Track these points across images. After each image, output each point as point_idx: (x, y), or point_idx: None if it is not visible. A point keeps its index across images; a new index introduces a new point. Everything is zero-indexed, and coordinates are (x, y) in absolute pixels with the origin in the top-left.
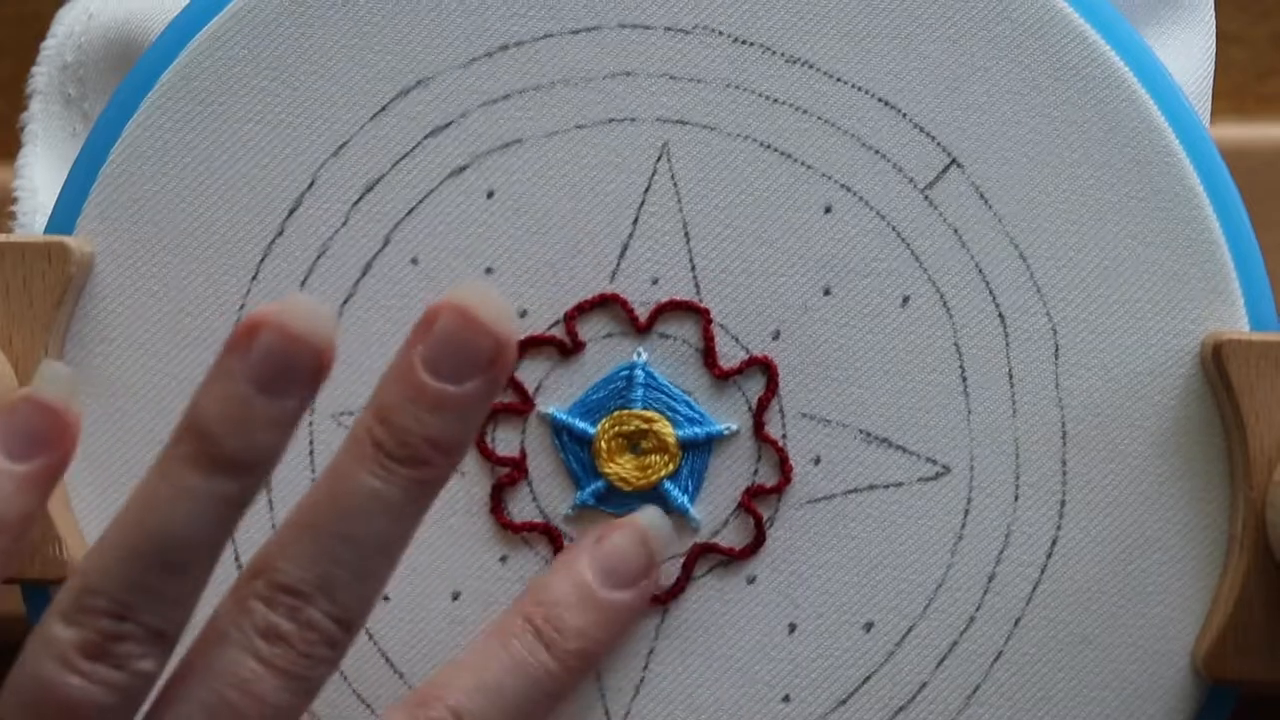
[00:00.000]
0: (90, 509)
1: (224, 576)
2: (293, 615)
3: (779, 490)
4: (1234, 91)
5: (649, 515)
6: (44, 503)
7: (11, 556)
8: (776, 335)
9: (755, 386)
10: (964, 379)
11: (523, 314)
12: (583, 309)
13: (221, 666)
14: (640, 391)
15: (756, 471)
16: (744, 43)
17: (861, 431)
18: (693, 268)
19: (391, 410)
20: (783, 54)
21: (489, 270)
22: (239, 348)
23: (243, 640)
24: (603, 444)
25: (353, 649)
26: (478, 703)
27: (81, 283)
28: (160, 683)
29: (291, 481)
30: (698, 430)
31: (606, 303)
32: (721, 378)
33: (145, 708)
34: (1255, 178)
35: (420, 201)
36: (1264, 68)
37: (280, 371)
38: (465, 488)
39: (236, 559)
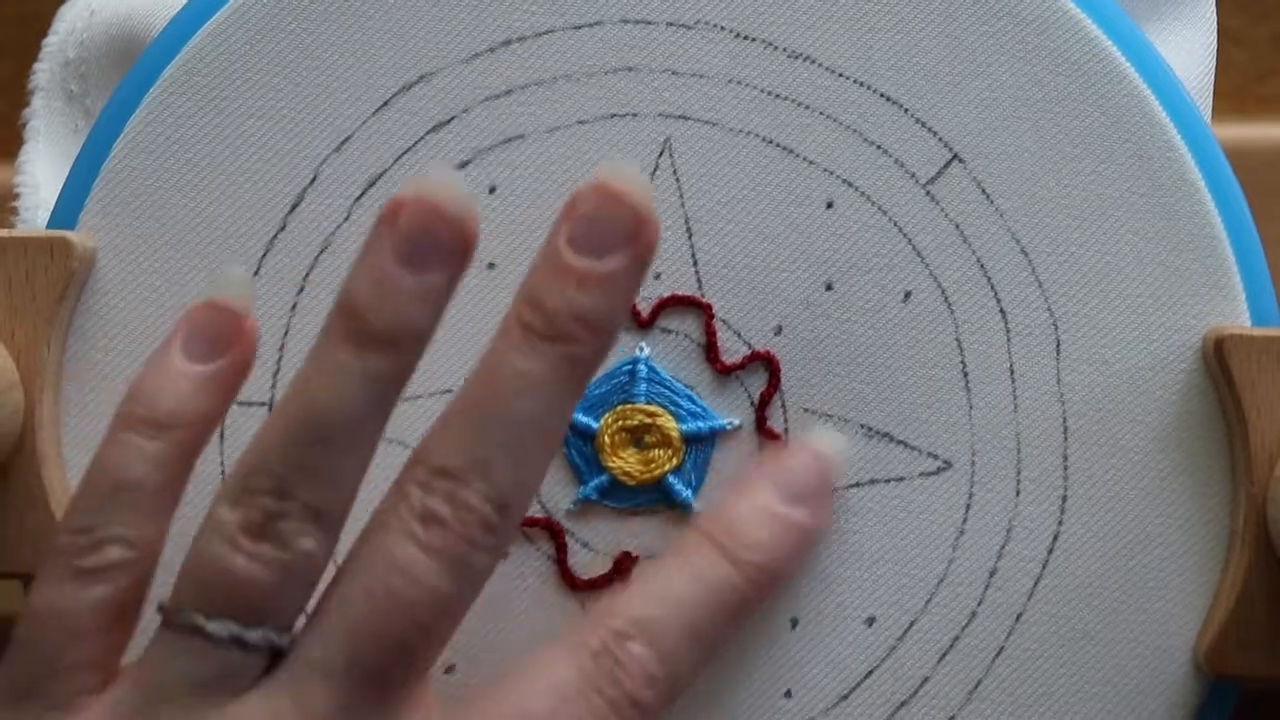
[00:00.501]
0: None
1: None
2: (449, 498)
3: None
4: (1234, 91)
5: (824, 437)
6: (223, 408)
7: (186, 460)
8: (778, 330)
9: (757, 381)
10: (965, 374)
11: None
12: None
13: (381, 552)
14: (643, 386)
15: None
16: (746, 38)
17: (863, 426)
18: (695, 263)
19: (537, 291)
20: (784, 49)
21: (491, 265)
22: (384, 227)
23: (401, 526)
24: (606, 438)
25: None
26: (658, 613)
27: (84, 277)
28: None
29: None
30: (701, 425)
31: None
32: (724, 373)
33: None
34: (1255, 177)
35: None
36: (1264, 68)
37: (425, 246)
38: None
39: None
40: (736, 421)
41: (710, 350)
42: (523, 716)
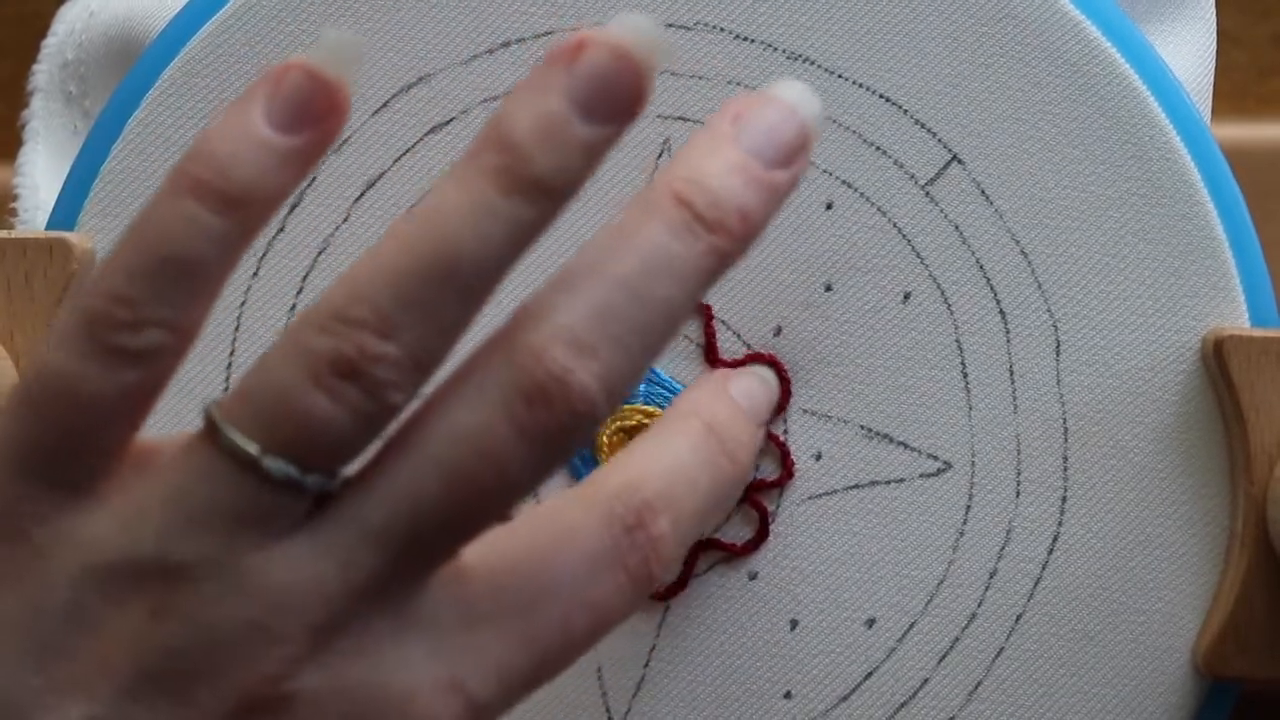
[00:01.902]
0: None
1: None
2: (560, 379)
3: (780, 485)
4: (1234, 91)
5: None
6: (298, 184)
7: (248, 242)
8: (778, 331)
9: None
10: (965, 375)
11: None
12: None
13: (469, 426)
14: (642, 387)
15: (758, 467)
16: (744, 39)
17: (863, 427)
18: None
19: (706, 174)
20: (783, 50)
21: None
22: (562, 62)
23: (496, 400)
24: (604, 439)
25: None
26: (680, 491)
27: (83, 279)
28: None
29: None
30: None
31: None
32: None
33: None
34: (1255, 177)
35: (422, 198)
36: (1264, 68)
37: (605, 93)
38: None
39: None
40: None
41: (709, 351)
42: (557, 588)
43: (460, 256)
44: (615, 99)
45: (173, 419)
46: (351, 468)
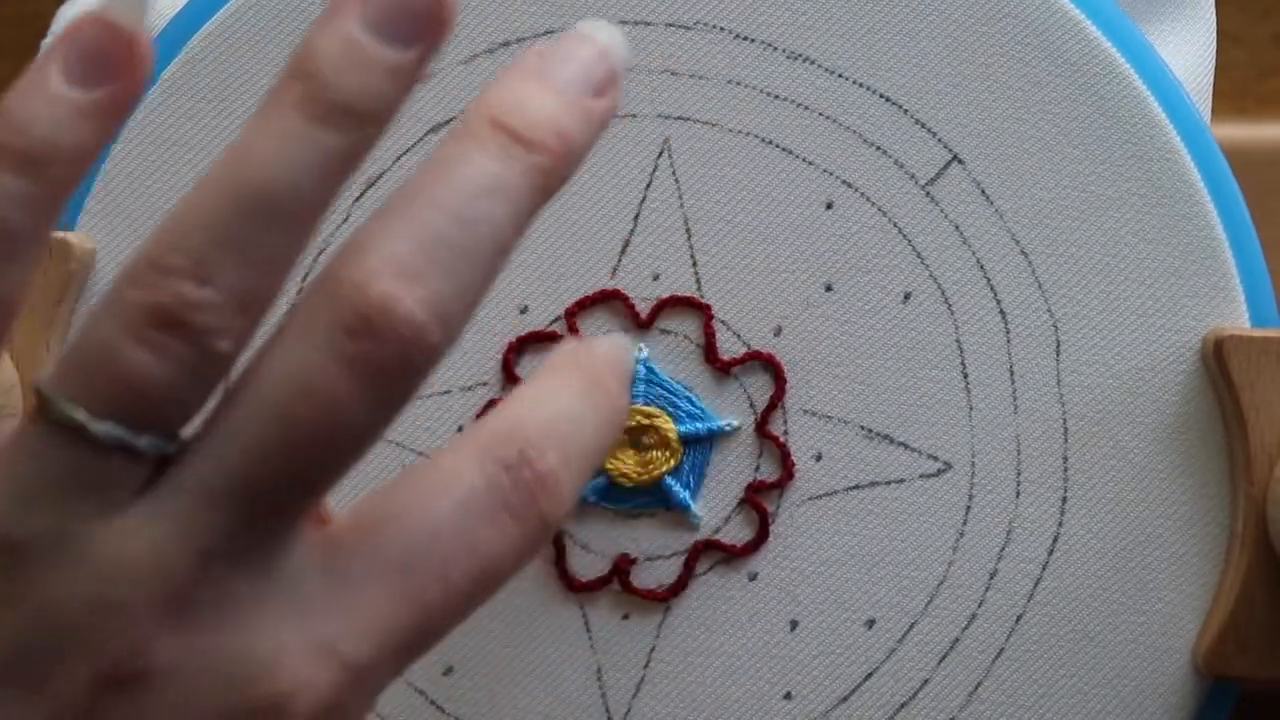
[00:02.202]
0: None
1: None
2: (386, 309)
3: (781, 486)
4: (1234, 91)
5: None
6: (104, 140)
7: (57, 201)
8: (778, 331)
9: (756, 383)
10: (965, 375)
11: (524, 310)
12: (584, 305)
13: (297, 367)
14: (642, 387)
15: (758, 468)
16: (745, 39)
17: (863, 428)
18: (694, 264)
19: (521, 99)
20: (784, 50)
21: None
22: None
23: (318, 335)
24: None
25: None
26: (566, 428)
27: (83, 279)
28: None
29: None
30: (699, 426)
31: (607, 299)
32: (722, 369)
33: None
34: (1255, 177)
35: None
36: (1264, 68)
37: (400, 14)
38: None
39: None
40: (735, 423)
41: (709, 350)
42: (432, 537)
43: (270, 188)
44: (412, 19)
45: None
46: (191, 428)
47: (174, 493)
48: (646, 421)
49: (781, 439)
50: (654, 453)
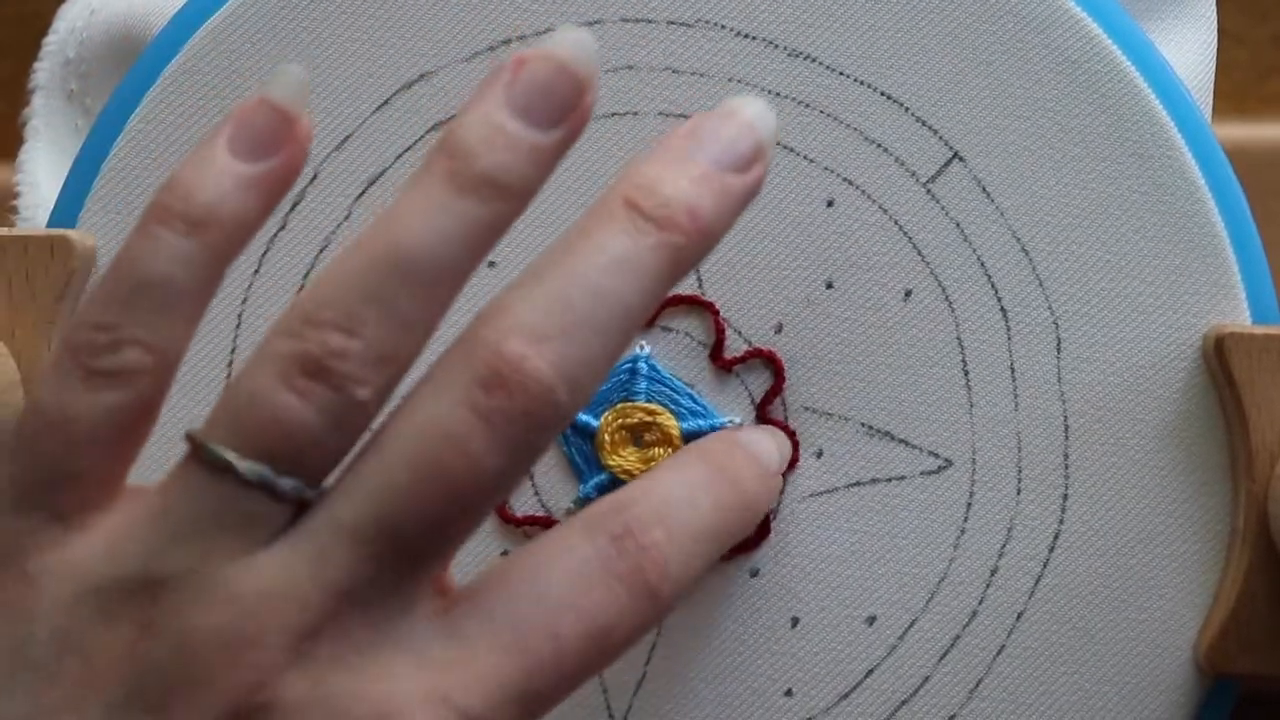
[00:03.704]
0: None
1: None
2: (519, 367)
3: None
4: (1234, 91)
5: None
6: (265, 213)
7: (218, 265)
8: (779, 329)
9: (757, 380)
10: (966, 372)
11: None
12: None
13: (432, 416)
14: (644, 384)
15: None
16: (746, 36)
17: (864, 425)
18: None
19: (655, 180)
20: (785, 48)
21: (491, 264)
22: (503, 76)
23: (458, 389)
24: (606, 436)
25: None
26: (677, 505)
27: (84, 276)
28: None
29: None
30: (701, 423)
31: None
32: (724, 368)
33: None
34: (1256, 177)
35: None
36: (1264, 68)
37: (544, 100)
38: None
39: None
40: (737, 420)
41: (717, 349)
42: (542, 597)
43: (417, 253)
44: (553, 104)
45: (181, 415)
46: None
47: (310, 533)
48: (649, 418)
49: (787, 428)
50: (656, 450)
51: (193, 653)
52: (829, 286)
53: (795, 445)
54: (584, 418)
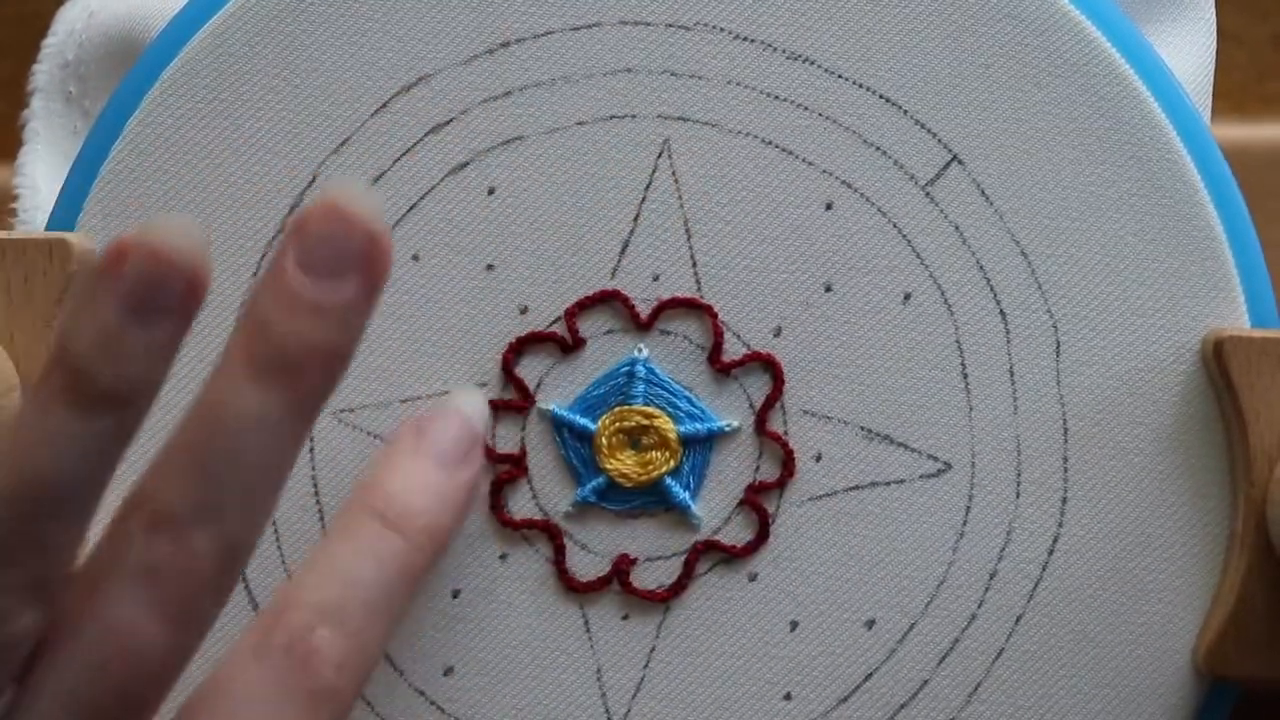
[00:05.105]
0: None
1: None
2: (176, 547)
3: (781, 485)
4: (1234, 91)
5: (465, 397)
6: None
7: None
8: (778, 332)
9: (755, 383)
10: (965, 376)
11: (524, 310)
12: (583, 305)
13: (99, 614)
14: (641, 387)
15: (758, 469)
16: (745, 39)
17: (863, 428)
18: (694, 264)
19: (265, 321)
20: (784, 50)
21: (490, 267)
22: (107, 273)
23: (120, 582)
24: (604, 440)
25: None
26: (339, 594)
27: (83, 279)
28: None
29: (292, 483)
30: (699, 426)
31: (607, 299)
32: (723, 371)
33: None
34: (1255, 178)
35: (421, 198)
36: (1264, 68)
37: (152, 296)
38: None
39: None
40: (735, 423)
41: (715, 352)
42: None
43: (51, 487)
44: (163, 298)
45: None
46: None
47: None
48: (646, 422)
49: (783, 436)
50: (654, 453)
51: None
52: (828, 289)
53: (789, 453)
54: (582, 421)
